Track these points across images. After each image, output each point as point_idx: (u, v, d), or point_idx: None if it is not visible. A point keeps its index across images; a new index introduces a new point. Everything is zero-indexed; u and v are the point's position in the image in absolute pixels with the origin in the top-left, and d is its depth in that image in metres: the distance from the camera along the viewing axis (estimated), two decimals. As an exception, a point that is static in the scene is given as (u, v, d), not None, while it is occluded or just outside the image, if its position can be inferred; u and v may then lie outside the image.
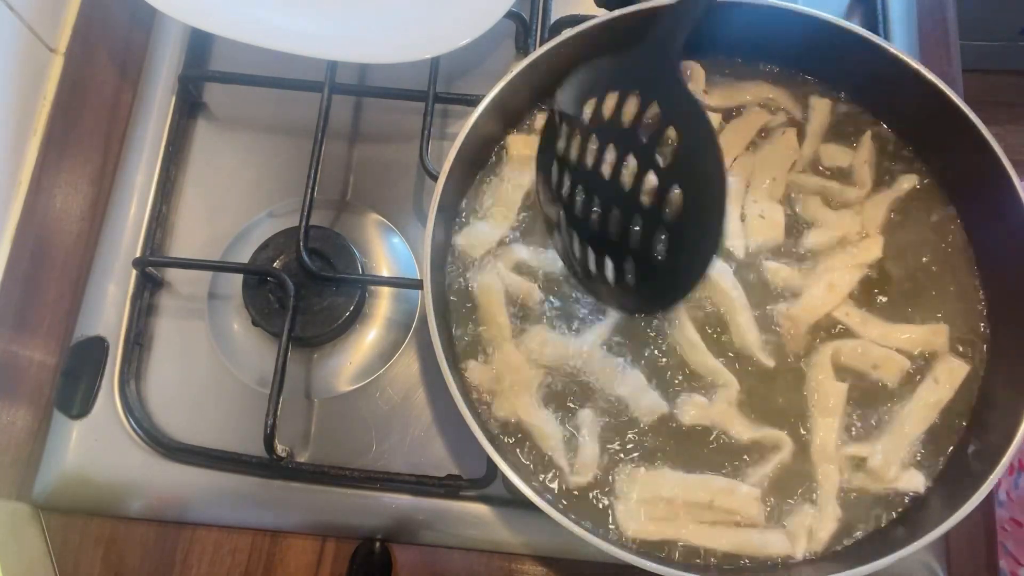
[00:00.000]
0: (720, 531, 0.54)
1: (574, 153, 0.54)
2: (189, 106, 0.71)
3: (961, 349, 0.58)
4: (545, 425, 0.56)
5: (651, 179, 0.50)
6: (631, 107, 0.51)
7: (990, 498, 0.66)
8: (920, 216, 0.61)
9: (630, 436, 0.56)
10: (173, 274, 0.68)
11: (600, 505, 0.55)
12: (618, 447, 0.56)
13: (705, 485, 0.55)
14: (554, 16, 0.70)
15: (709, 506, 0.54)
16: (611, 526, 0.54)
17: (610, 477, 0.56)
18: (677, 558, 0.54)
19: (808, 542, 0.54)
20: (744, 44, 0.64)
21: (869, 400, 0.57)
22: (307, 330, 0.63)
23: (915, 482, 0.55)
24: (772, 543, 0.54)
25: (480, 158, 0.63)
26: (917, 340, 0.58)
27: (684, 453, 0.56)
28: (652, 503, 0.55)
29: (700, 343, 0.57)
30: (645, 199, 0.51)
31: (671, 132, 0.49)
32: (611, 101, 0.52)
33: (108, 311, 0.66)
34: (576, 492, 0.55)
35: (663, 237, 0.50)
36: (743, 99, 0.64)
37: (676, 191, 0.49)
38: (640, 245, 0.51)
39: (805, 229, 0.61)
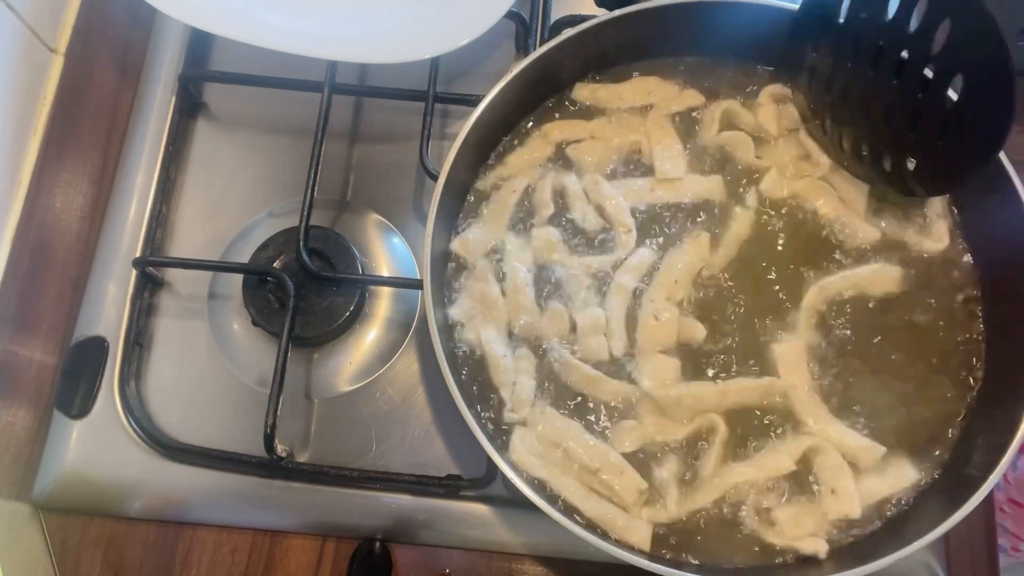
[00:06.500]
0: (593, 499, 0.55)
1: (837, 56, 0.55)
2: (189, 106, 0.71)
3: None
4: (500, 359, 0.57)
5: (925, 70, 0.51)
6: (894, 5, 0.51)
7: (990, 498, 0.66)
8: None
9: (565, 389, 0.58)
10: (173, 274, 0.68)
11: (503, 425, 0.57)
12: (552, 389, 0.58)
13: (603, 455, 0.55)
14: (554, 16, 0.70)
15: (595, 473, 0.55)
16: (501, 443, 0.56)
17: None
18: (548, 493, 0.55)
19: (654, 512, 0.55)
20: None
21: (800, 483, 0.56)
22: (307, 330, 0.63)
23: (815, 547, 0.53)
24: (634, 532, 0.54)
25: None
26: (856, 453, 0.56)
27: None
28: (550, 446, 0.56)
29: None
30: (919, 91, 0.51)
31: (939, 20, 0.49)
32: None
33: (108, 311, 0.66)
34: (505, 426, 0.57)
35: (943, 122, 0.51)
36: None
37: (956, 77, 0.49)
38: (921, 134, 0.52)
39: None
